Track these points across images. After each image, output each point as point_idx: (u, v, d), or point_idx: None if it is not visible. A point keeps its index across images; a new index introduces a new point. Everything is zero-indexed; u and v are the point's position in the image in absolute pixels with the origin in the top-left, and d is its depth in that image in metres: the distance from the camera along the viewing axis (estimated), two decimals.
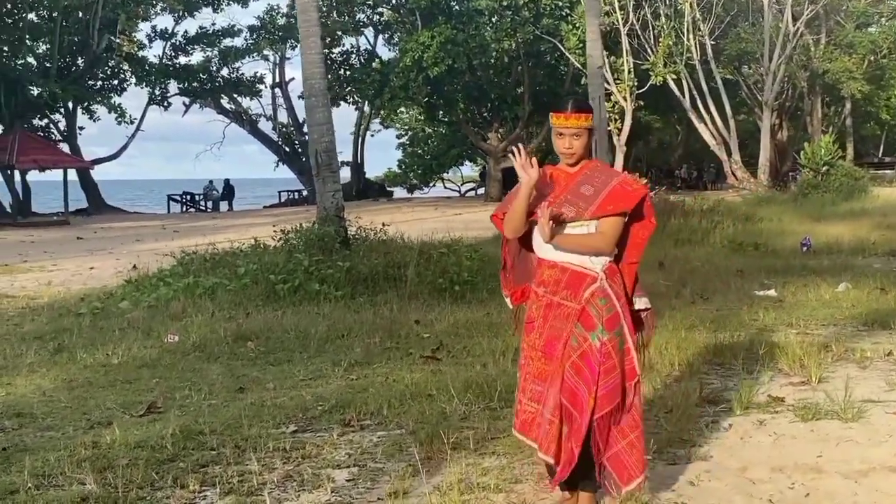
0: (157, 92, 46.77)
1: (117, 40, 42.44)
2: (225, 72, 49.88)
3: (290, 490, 5.26)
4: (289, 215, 33.56)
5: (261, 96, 53.20)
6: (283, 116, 54.36)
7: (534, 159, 4.64)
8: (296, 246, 14.05)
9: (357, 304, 11.95)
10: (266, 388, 7.74)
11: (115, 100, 44.69)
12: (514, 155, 4.67)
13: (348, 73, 48.72)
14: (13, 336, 10.32)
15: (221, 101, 52.39)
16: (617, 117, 41.28)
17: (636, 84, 41.35)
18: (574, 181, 4.83)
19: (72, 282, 16.53)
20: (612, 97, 40.04)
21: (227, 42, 49.47)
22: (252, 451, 5.87)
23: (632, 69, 41.18)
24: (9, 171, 38.74)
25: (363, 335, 9.88)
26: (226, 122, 53.86)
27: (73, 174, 43.37)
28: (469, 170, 68.02)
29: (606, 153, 22.84)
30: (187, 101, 50.41)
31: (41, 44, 42.63)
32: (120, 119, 42.92)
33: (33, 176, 42.28)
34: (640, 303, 4.89)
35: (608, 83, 39.16)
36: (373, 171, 62.76)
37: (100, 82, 45.62)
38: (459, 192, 62.64)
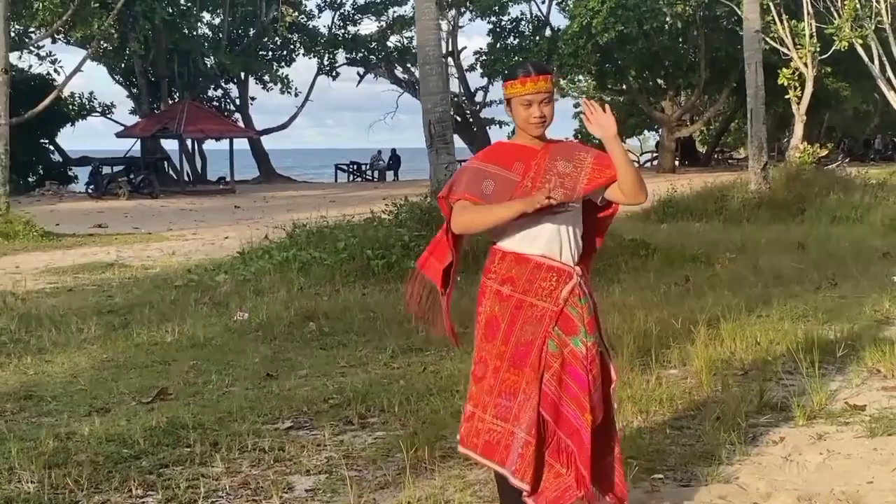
0: (326, 62, 47.22)
1: (280, 11, 42.87)
2: (395, 41, 49.87)
3: (236, 499, 4.77)
4: None
5: None
6: (454, 86, 54.14)
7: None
8: (404, 220, 13.58)
9: None
10: (298, 375, 7.31)
11: (283, 70, 45.48)
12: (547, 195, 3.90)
13: (516, 41, 47.95)
14: (91, 309, 10.24)
15: (395, 70, 52.52)
16: (797, 84, 38.98)
17: (818, 49, 38.92)
18: (545, 159, 4.16)
19: (199, 251, 16.62)
20: (791, 63, 37.83)
21: (398, 10, 49.37)
22: (226, 450, 5.41)
23: (814, 33, 38.77)
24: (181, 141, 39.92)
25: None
26: (399, 92, 54.01)
27: (245, 143, 44.62)
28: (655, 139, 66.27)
29: (763, 123, 21.35)
30: (361, 71, 50.70)
31: (216, 16, 43.60)
32: (284, 90, 43.58)
33: (219, 146, 43.46)
34: None
35: (787, 49, 37.06)
36: None
37: (269, 53, 46.37)
38: (638, 162, 61.08)
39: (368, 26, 50.29)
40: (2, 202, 19.00)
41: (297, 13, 45.14)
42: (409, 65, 52.23)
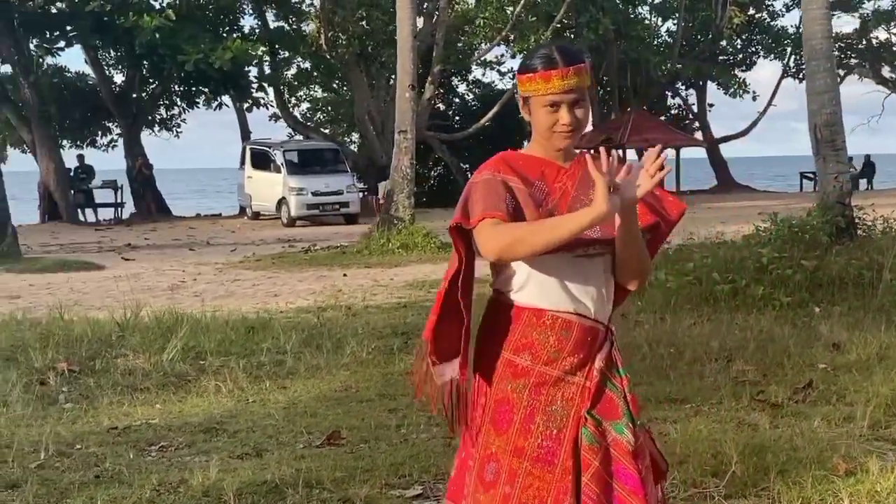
0: (792, 64, 44.21)
1: (729, 12, 40.53)
2: (880, 37, 45.68)
3: None
4: None
5: None
6: None
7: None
8: (771, 238, 11.87)
9: (798, 314, 9.61)
10: None
11: (743, 74, 43.33)
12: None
13: None
14: (392, 328, 9.78)
15: (881, 70, 48.29)
16: None
17: None
18: (574, 179, 2.98)
19: None
20: None
21: (880, 4, 45.27)
22: None
23: None
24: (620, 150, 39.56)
25: (741, 359, 7.76)
26: (884, 93, 49.55)
27: (703, 152, 43.53)
28: None
29: None
30: (841, 72, 47.09)
31: (673, 22, 42.51)
32: (737, 94, 41.35)
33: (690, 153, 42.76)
34: None
35: None
36: None
37: (729, 57, 44.43)
38: None
39: (846, 22, 46.76)
40: (407, 214, 19.43)
41: (746, 13, 42.74)
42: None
